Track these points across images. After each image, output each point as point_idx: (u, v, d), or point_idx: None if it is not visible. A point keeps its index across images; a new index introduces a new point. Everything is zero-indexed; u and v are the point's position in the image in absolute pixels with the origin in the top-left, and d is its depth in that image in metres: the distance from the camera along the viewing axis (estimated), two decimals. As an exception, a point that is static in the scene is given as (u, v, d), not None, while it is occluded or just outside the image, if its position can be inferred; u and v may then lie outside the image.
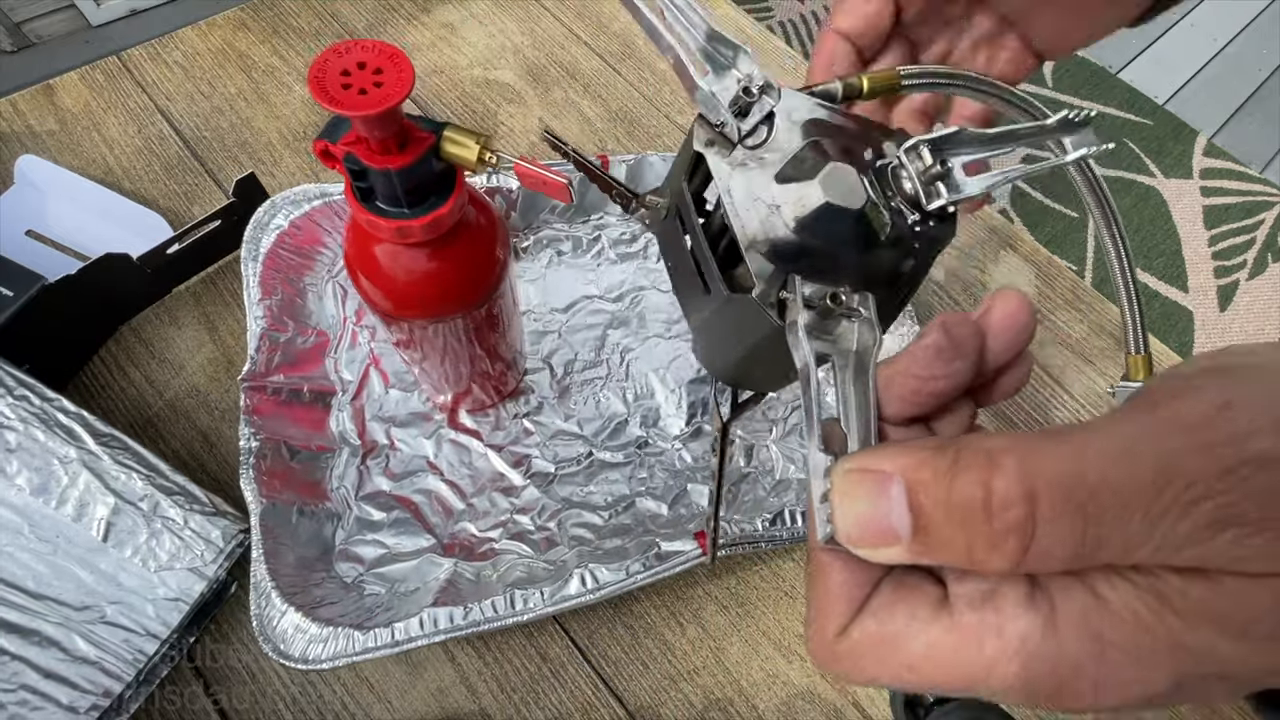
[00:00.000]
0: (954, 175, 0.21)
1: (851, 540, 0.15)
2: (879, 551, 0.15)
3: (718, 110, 0.21)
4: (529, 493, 0.46)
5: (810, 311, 0.19)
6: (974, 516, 0.14)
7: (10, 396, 0.39)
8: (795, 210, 0.20)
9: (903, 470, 0.14)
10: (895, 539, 0.14)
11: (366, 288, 0.34)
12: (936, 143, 0.21)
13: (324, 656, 0.36)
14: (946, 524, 0.14)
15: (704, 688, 0.43)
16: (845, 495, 0.15)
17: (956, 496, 0.14)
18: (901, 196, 0.21)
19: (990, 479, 0.13)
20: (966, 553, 0.14)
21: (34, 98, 0.58)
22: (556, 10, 0.68)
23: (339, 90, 0.25)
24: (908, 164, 0.21)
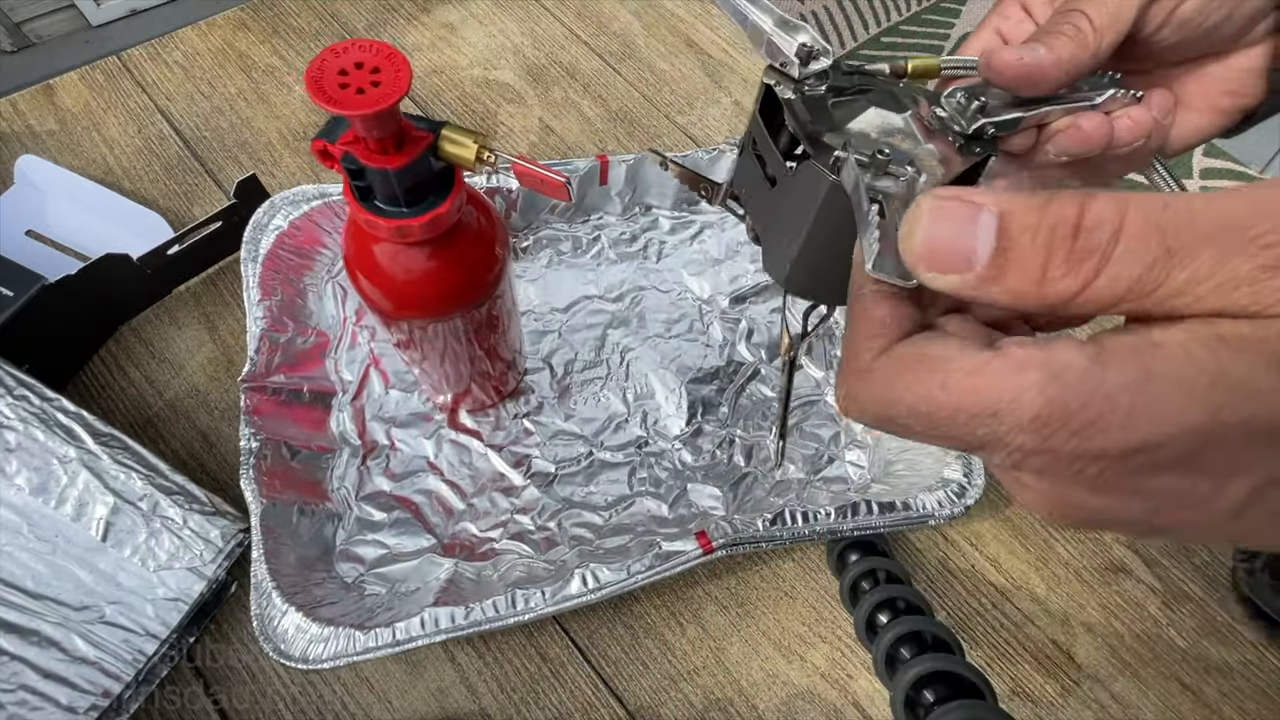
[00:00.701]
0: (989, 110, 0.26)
1: (921, 258, 0.15)
2: (943, 277, 0.15)
3: (780, 52, 0.26)
4: (529, 493, 0.46)
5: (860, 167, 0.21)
6: (1062, 232, 0.14)
7: (10, 396, 0.39)
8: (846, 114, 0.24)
9: (998, 202, 0.15)
10: (968, 263, 0.15)
11: (366, 288, 0.34)
12: (971, 90, 0.26)
13: (325, 656, 0.36)
14: (1032, 243, 0.14)
15: (704, 688, 0.43)
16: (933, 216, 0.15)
17: (1050, 215, 0.14)
18: (948, 130, 0.25)
19: (1086, 200, 0.14)
20: (1041, 271, 0.14)
21: (34, 98, 0.58)
22: (556, 10, 0.68)
23: (336, 90, 0.25)
24: (947, 106, 0.25)
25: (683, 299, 0.53)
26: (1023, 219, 0.15)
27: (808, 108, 0.25)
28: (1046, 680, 0.45)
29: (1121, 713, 0.44)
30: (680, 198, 0.55)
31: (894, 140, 0.24)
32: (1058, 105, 0.27)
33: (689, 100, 0.64)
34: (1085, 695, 0.44)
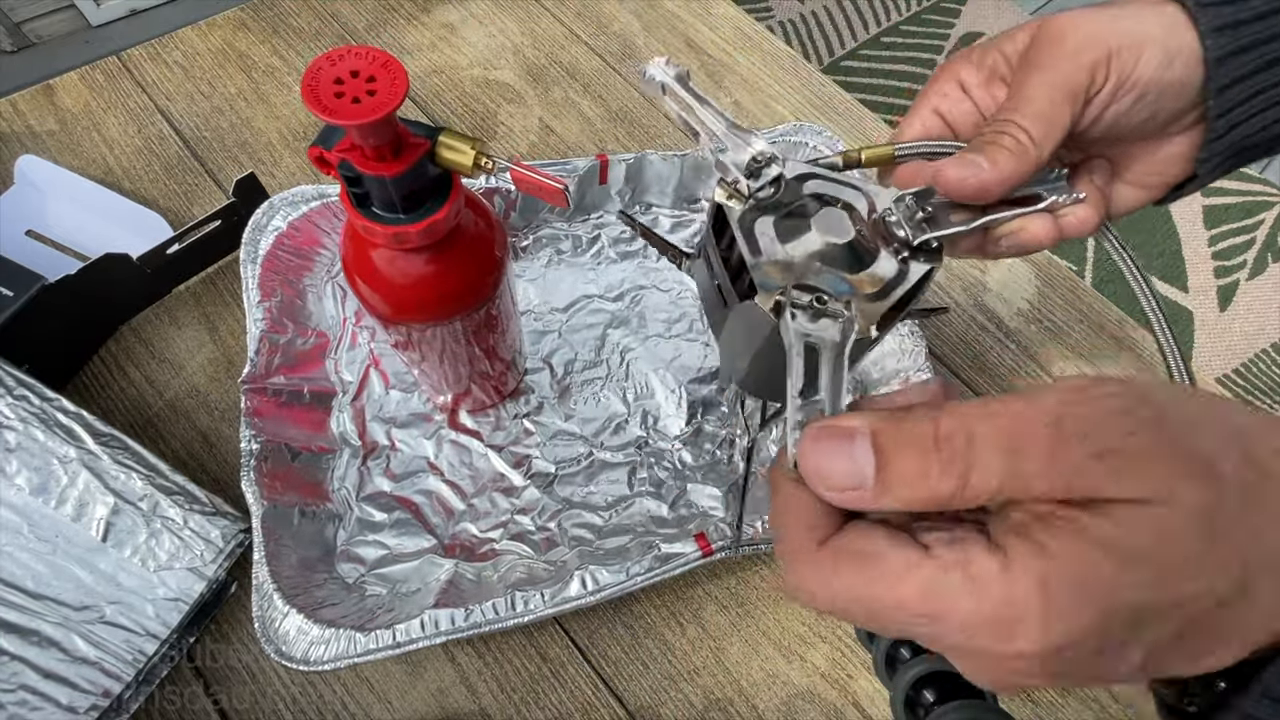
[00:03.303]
0: (938, 213, 0.27)
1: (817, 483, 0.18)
2: (846, 495, 0.18)
3: (730, 171, 0.27)
4: (529, 493, 0.46)
5: (799, 310, 0.23)
6: (926, 445, 0.17)
7: (10, 396, 0.39)
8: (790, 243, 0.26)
9: (866, 424, 0.18)
10: (863, 479, 0.17)
11: (364, 292, 0.34)
12: (920, 194, 0.27)
13: (326, 658, 0.36)
14: (903, 457, 0.17)
15: (704, 688, 0.43)
16: (815, 448, 0.18)
17: (910, 433, 0.17)
18: (894, 238, 0.26)
19: (937, 418, 0.17)
20: (921, 478, 0.17)
21: (34, 98, 0.58)
22: (556, 10, 0.68)
23: (332, 99, 0.25)
24: (897, 211, 0.27)
25: (683, 298, 0.53)
26: (892, 434, 0.17)
27: (756, 231, 0.26)
28: (1046, 680, 0.45)
29: (1122, 713, 0.44)
30: (680, 197, 0.55)
31: (837, 266, 0.25)
32: (1003, 212, 0.29)
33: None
34: (1085, 695, 0.45)
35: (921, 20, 1.83)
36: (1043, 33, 0.29)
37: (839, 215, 0.26)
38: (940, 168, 0.28)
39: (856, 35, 1.79)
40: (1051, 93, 0.28)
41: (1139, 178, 0.33)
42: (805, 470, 0.18)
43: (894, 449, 0.17)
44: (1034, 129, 0.28)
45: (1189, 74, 0.28)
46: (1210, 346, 1.43)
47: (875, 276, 0.26)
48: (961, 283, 0.58)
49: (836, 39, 1.78)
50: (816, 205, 0.27)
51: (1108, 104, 0.29)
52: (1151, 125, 0.30)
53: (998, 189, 0.28)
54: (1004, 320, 0.57)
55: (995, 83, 0.32)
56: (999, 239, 0.30)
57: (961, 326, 0.56)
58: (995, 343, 0.56)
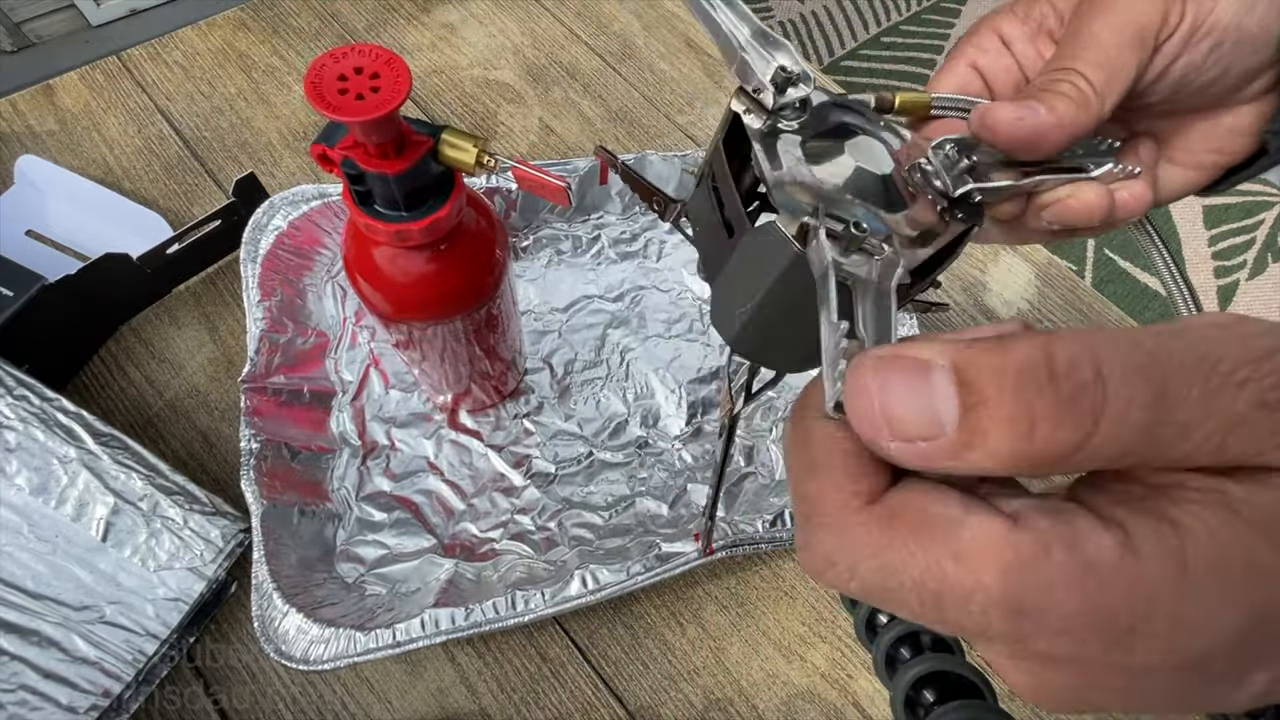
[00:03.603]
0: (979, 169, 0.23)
1: (878, 430, 0.13)
2: (917, 447, 0.13)
3: (754, 77, 0.22)
4: (529, 493, 0.46)
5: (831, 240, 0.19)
6: (1037, 379, 0.12)
7: (10, 396, 0.39)
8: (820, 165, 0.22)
9: (944, 353, 0.13)
10: (938, 427, 0.13)
11: (365, 291, 0.34)
12: (962, 142, 0.23)
13: (325, 657, 0.36)
14: (1003, 394, 0.12)
15: (704, 688, 0.43)
16: (879, 381, 0.13)
17: (1015, 362, 0.12)
18: (930, 188, 0.22)
19: (1049, 342, 0.12)
20: (1028, 425, 0.12)
21: (34, 98, 0.58)
22: (556, 10, 0.68)
23: (335, 96, 0.25)
24: (934, 159, 0.22)
25: (683, 298, 0.53)
26: (986, 364, 0.12)
27: (779, 148, 0.22)
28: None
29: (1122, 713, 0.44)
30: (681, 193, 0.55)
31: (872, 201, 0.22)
32: (1052, 174, 0.25)
33: (689, 100, 0.64)
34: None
35: (921, 20, 1.83)
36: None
37: (876, 146, 0.23)
38: (990, 108, 0.24)
39: (856, 35, 1.79)
40: (1117, 35, 0.24)
41: (1193, 156, 0.29)
42: (861, 411, 0.14)
43: (989, 384, 0.12)
44: (1096, 76, 0.24)
45: (1270, 24, 0.25)
46: (1210, 347, 1.43)
47: (914, 219, 0.21)
48: (961, 283, 0.58)
49: (836, 39, 1.78)
50: (847, 132, 0.23)
51: (1179, 53, 0.25)
52: (1220, 86, 0.27)
53: (1056, 137, 0.24)
54: (1004, 320, 0.56)
55: (1042, 37, 0.28)
56: (1042, 209, 0.26)
57: (961, 326, 0.56)
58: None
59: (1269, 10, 0.24)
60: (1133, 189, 0.26)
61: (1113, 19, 0.25)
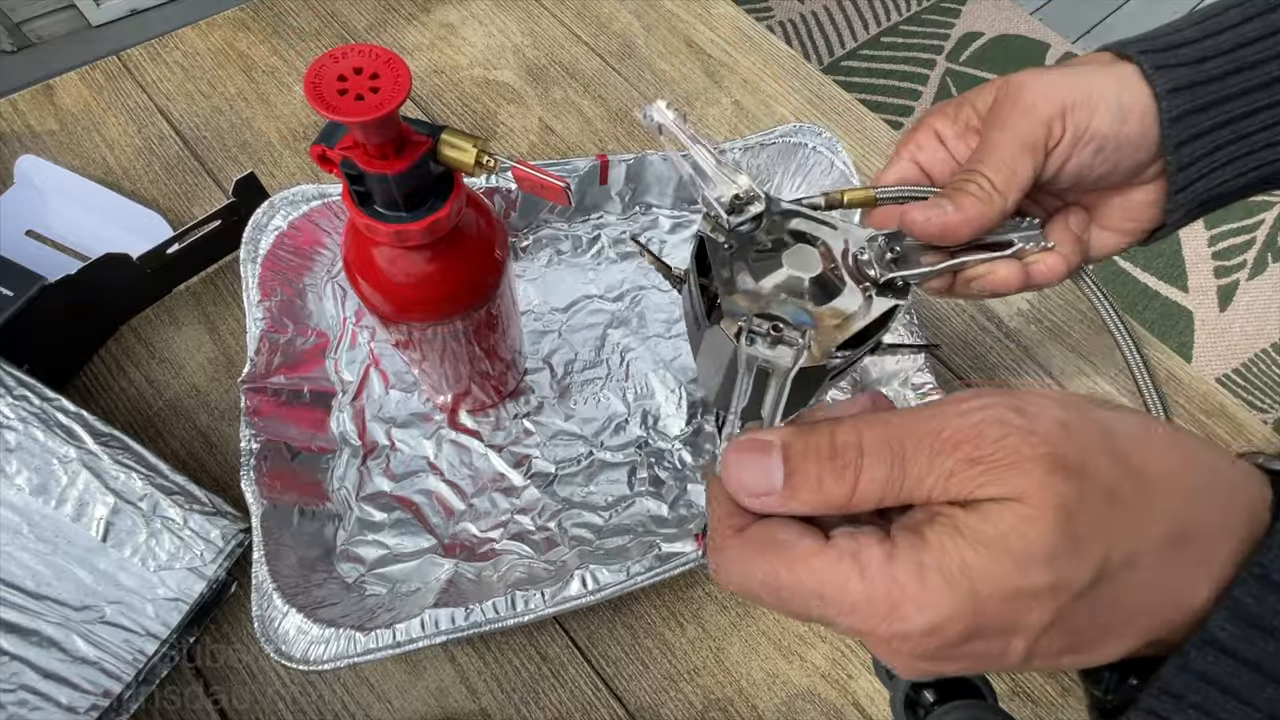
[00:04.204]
0: (908, 254, 0.29)
1: (737, 491, 0.20)
2: (760, 500, 0.20)
3: (714, 206, 0.29)
4: (529, 493, 0.46)
5: (757, 335, 0.25)
6: (823, 455, 0.19)
7: (10, 396, 0.39)
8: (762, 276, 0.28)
9: (779, 437, 0.20)
10: (772, 486, 0.19)
11: (366, 291, 0.34)
12: (893, 235, 0.30)
13: (325, 658, 0.36)
14: (804, 465, 0.19)
15: (704, 688, 0.43)
16: (737, 461, 0.20)
17: (812, 445, 0.19)
18: (865, 276, 0.29)
19: (834, 430, 0.19)
20: (819, 484, 0.19)
21: (34, 98, 0.58)
22: (556, 10, 0.68)
23: (335, 96, 0.25)
24: (869, 250, 0.29)
25: (683, 299, 0.53)
26: (797, 447, 0.19)
27: (730, 262, 0.29)
28: (1046, 680, 0.45)
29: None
30: (680, 197, 0.55)
31: (803, 299, 0.28)
32: (972, 255, 0.31)
33: (689, 100, 0.64)
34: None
35: (921, 20, 1.83)
36: (1004, 91, 0.31)
37: (810, 252, 0.29)
38: (907, 209, 0.29)
39: (856, 35, 1.79)
40: (1012, 145, 0.30)
41: (1115, 224, 0.34)
42: (726, 478, 0.20)
43: (799, 459, 0.19)
44: (997, 178, 0.29)
45: (1145, 128, 0.30)
46: (1210, 346, 1.43)
47: (837, 310, 0.28)
48: (961, 283, 0.58)
49: (836, 39, 1.78)
50: (792, 242, 0.29)
51: (1068, 156, 0.30)
52: (1116, 176, 0.32)
53: (962, 230, 0.29)
54: (1004, 320, 0.57)
55: (969, 134, 0.33)
56: (969, 281, 0.32)
57: (961, 326, 0.56)
58: (995, 343, 0.56)
59: (1143, 118, 0.30)
60: (1048, 261, 0.32)
61: (1009, 132, 0.30)
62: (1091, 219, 0.34)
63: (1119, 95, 0.30)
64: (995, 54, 1.76)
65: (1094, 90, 0.30)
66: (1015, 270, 0.31)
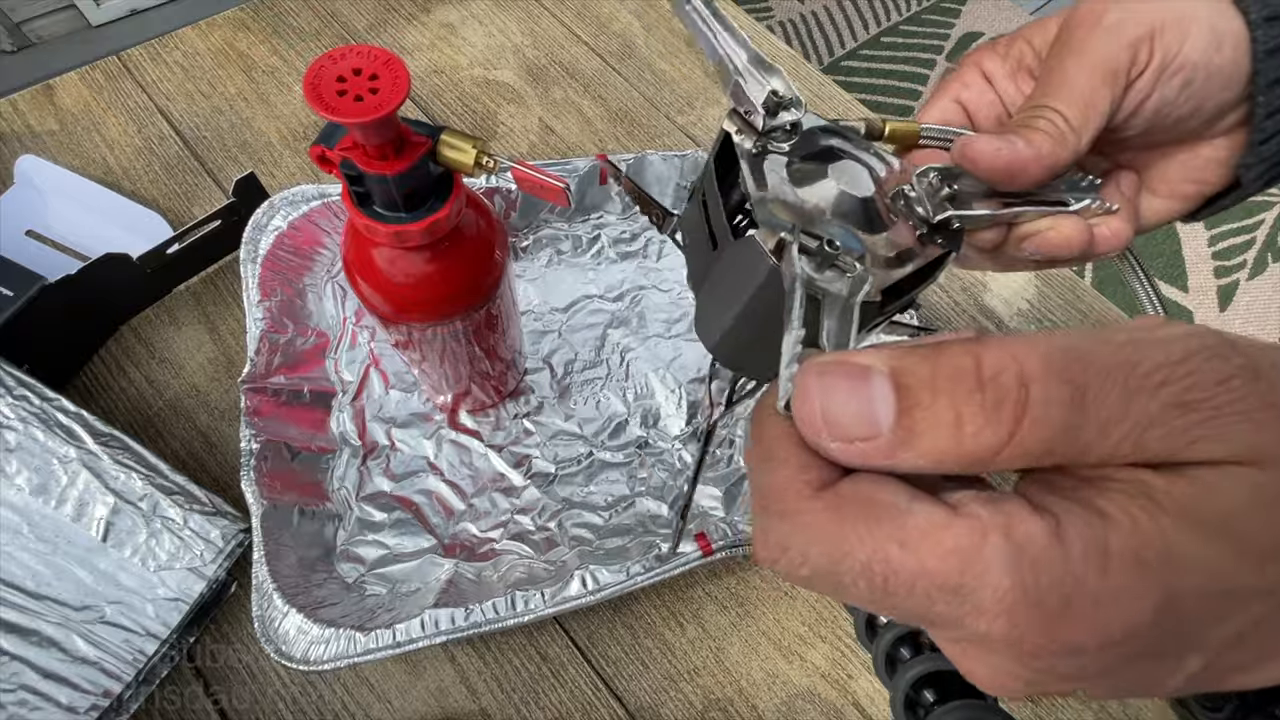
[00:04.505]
0: (961, 197, 0.24)
1: (819, 431, 0.15)
2: (849, 447, 0.14)
3: (746, 100, 0.24)
4: (529, 493, 0.46)
5: (806, 253, 0.20)
6: (965, 383, 0.13)
7: (10, 396, 0.39)
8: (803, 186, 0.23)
9: (884, 360, 0.14)
10: (874, 428, 0.14)
11: (365, 292, 0.34)
12: (946, 171, 0.24)
13: (326, 658, 0.36)
14: (934, 397, 0.13)
15: (704, 688, 0.43)
16: (821, 387, 0.14)
17: (945, 368, 0.14)
18: (912, 214, 0.23)
19: (979, 351, 0.14)
20: (956, 426, 0.13)
21: (34, 98, 0.58)
22: (556, 10, 0.68)
23: (334, 97, 0.25)
24: (918, 186, 0.24)
25: (683, 298, 0.53)
26: (919, 370, 0.14)
27: (765, 168, 0.23)
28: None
29: (1122, 712, 0.44)
30: (680, 197, 0.55)
31: (851, 222, 0.23)
32: (1032, 206, 0.26)
33: (689, 100, 0.64)
34: (1085, 695, 0.45)
35: (921, 20, 1.83)
36: (1077, 14, 0.27)
37: (859, 171, 0.24)
38: (971, 140, 0.25)
39: (856, 35, 1.79)
40: (1090, 74, 0.26)
41: (1173, 186, 0.30)
42: (804, 413, 0.15)
43: (923, 389, 0.14)
44: (1071, 113, 0.25)
45: (1239, 61, 0.26)
46: (1210, 346, 1.43)
47: (891, 241, 0.23)
48: (961, 283, 0.58)
49: (836, 39, 1.78)
50: (832, 156, 0.24)
51: (1150, 89, 0.26)
52: (1194, 121, 0.28)
53: (1033, 170, 0.25)
54: (1004, 320, 0.57)
55: (1022, 74, 0.29)
56: (1023, 240, 0.27)
57: (961, 326, 0.56)
58: (995, 343, 0.56)
59: (1237, 47, 0.26)
60: (1111, 225, 0.28)
61: (1085, 58, 0.26)
62: (1144, 183, 0.30)
63: (1213, 19, 0.25)
64: (995, 54, 1.76)
65: (1186, 11, 0.25)
66: (1080, 230, 0.27)
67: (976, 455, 0.13)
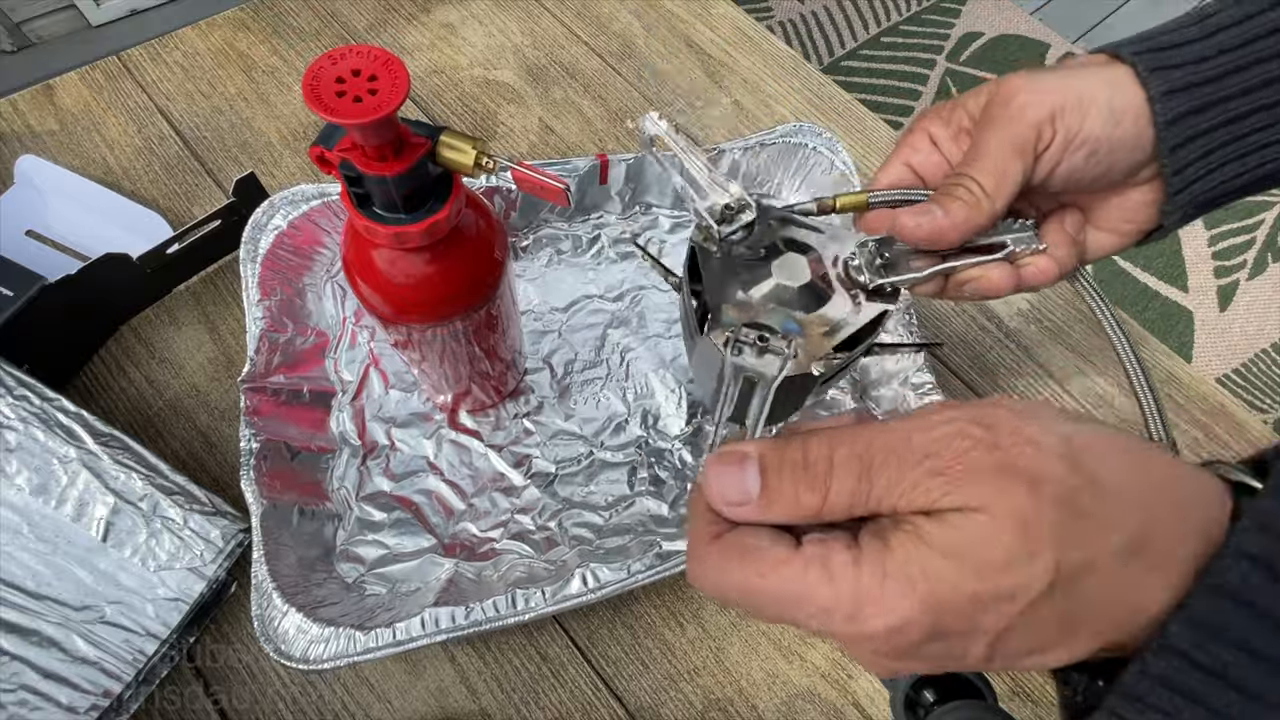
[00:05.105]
0: (898, 264, 0.30)
1: (714, 500, 0.21)
2: (737, 509, 0.21)
3: (705, 218, 0.30)
4: (529, 492, 0.46)
5: (744, 345, 0.26)
6: (797, 468, 0.20)
7: (10, 396, 0.39)
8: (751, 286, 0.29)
9: (756, 450, 0.21)
10: (749, 496, 0.20)
11: (365, 292, 0.34)
12: (883, 240, 0.31)
13: (325, 657, 0.36)
14: (779, 478, 0.20)
15: (704, 688, 0.43)
16: (715, 472, 0.21)
17: (788, 457, 0.20)
18: (855, 282, 0.30)
19: (807, 444, 0.20)
20: (793, 495, 0.20)
21: (34, 98, 0.58)
22: (556, 10, 0.68)
23: (333, 98, 0.25)
24: (860, 256, 0.30)
25: (682, 299, 0.53)
26: (772, 459, 0.20)
27: (722, 272, 0.29)
28: (1046, 680, 0.45)
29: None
30: (680, 197, 0.55)
31: (791, 307, 0.28)
32: (964, 258, 0.31)
33: (689, 100, 0.64)
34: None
35: (921, 20, 1.83)
36: (995, 93, 0.31)
37: (799, 261, 0.29)
38: (897, 215, 0.30)
39: (856, 35, 1.79)
40: (1001, 149, 0.30)
41: (1111, 225, 0.34)
42: (706, 488, 0.21)
43: (773, 471, 0.20)
44: (986, 182, 0.29)
45: (1140, 130, 0.30)
46: (1210, 346, 1.43)
47: (825, 317, 0.29)
48: (961, 283, 0.58)
49: (836, 39, 1.78)
50: (782, 250, 0.30)
51: (1059, 159, 0.30)
52: (1110, 178, 0.31)
53: (951, 234, 0.30)
54: (1004, 320, 0.57)
55: (962, 137, 0.33)
56: (961, 285, 0.32)
57: (961, 326, 0.56)
58: (995, 343, 0.56)
59: (1138, 120, 0.29)
60: (1039, 263, 0.32)
61: (999, 133, 0.30)
62: (1087, 219, 0.34)
63: (1111, 99, 0.29)
64: (995, 54, 1.76)
65: (1085, 93, 0.29)
66: (1006, 273, 0.32)
67: (808, 512, 0.20)
